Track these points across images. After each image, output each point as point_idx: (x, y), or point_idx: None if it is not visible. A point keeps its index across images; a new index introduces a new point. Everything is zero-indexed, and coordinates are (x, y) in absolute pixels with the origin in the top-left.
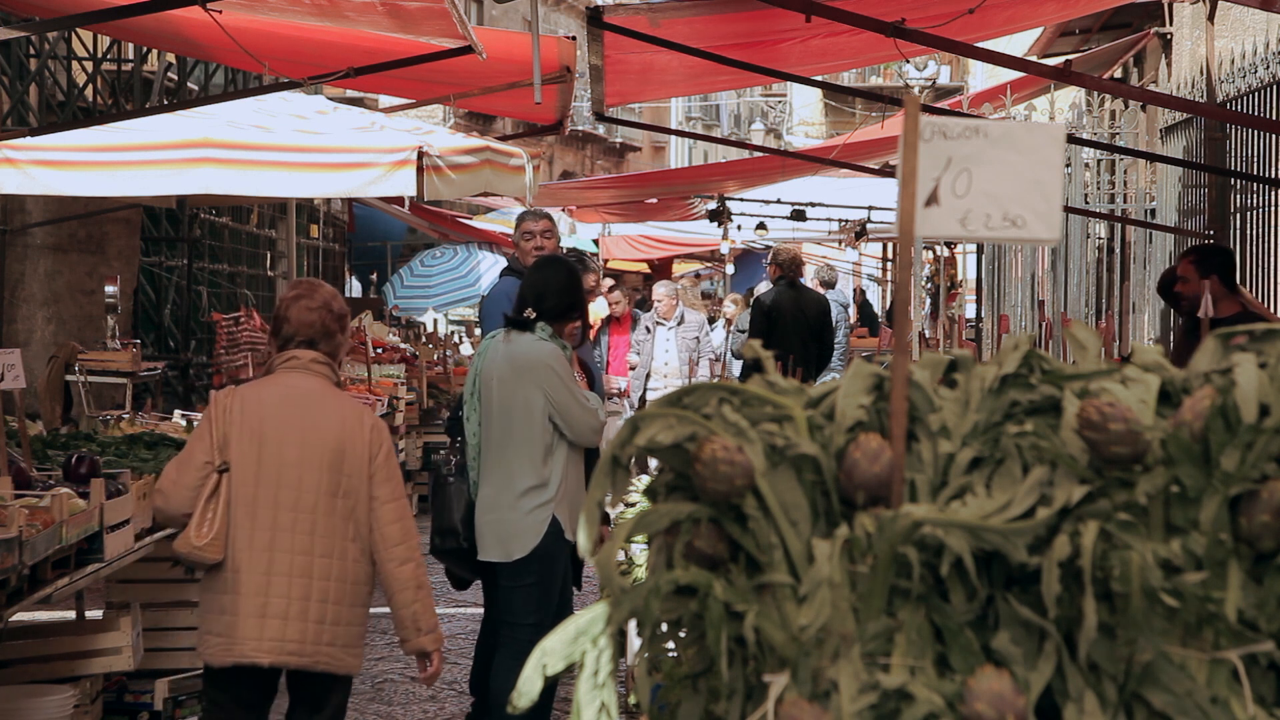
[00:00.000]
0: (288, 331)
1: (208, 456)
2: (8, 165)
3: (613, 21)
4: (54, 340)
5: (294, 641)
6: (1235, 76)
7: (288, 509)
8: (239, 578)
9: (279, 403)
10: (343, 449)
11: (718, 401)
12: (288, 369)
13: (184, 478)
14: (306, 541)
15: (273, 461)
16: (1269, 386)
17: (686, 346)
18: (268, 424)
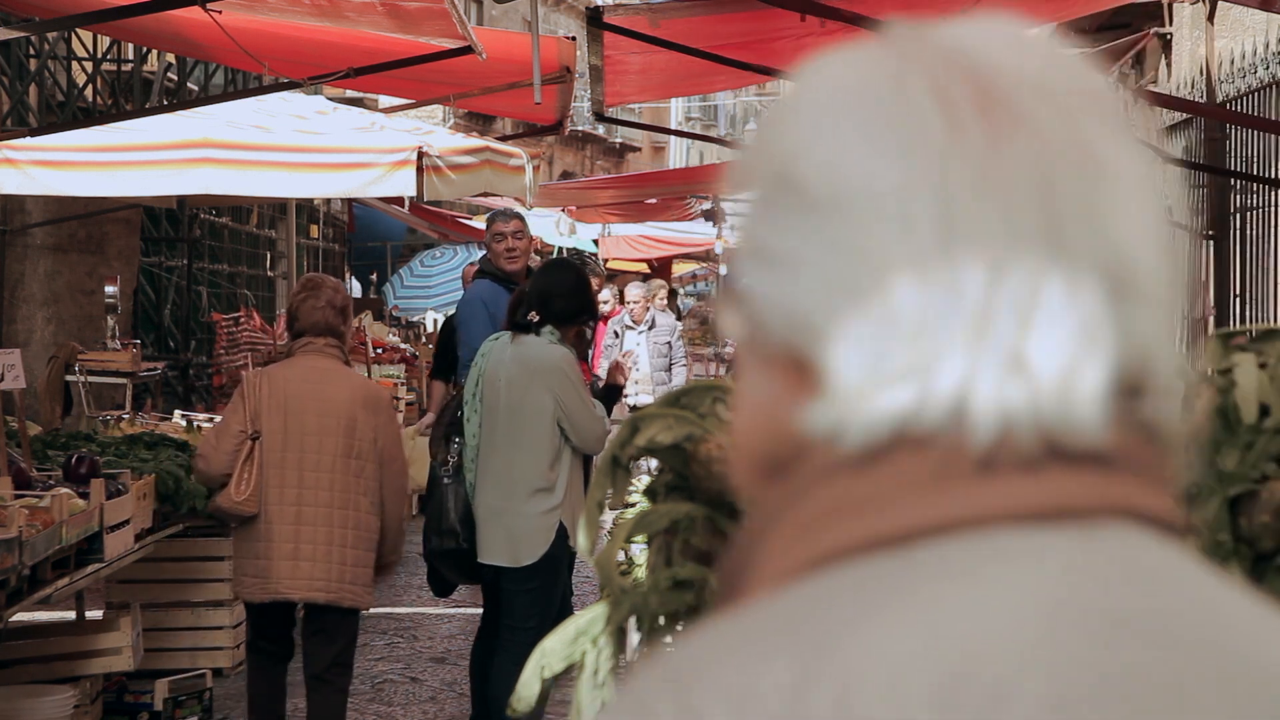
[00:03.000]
0: (299, 327)
1: (242, 426)
2: (8, 165)
3: (613, 21)
4: (54, 340)
5: (321, 580)
6: (1235, 77)
7: (310, 469)
8: (271, 528)
9: (299, 380)
10: (354, 417)
11: (712, 401)
12: (305, 352)
13: (222, 444)
14: (327, 496)
15: (296, 429)
16: (1269, 386)
17: (658, 351)
18: (290, 398)
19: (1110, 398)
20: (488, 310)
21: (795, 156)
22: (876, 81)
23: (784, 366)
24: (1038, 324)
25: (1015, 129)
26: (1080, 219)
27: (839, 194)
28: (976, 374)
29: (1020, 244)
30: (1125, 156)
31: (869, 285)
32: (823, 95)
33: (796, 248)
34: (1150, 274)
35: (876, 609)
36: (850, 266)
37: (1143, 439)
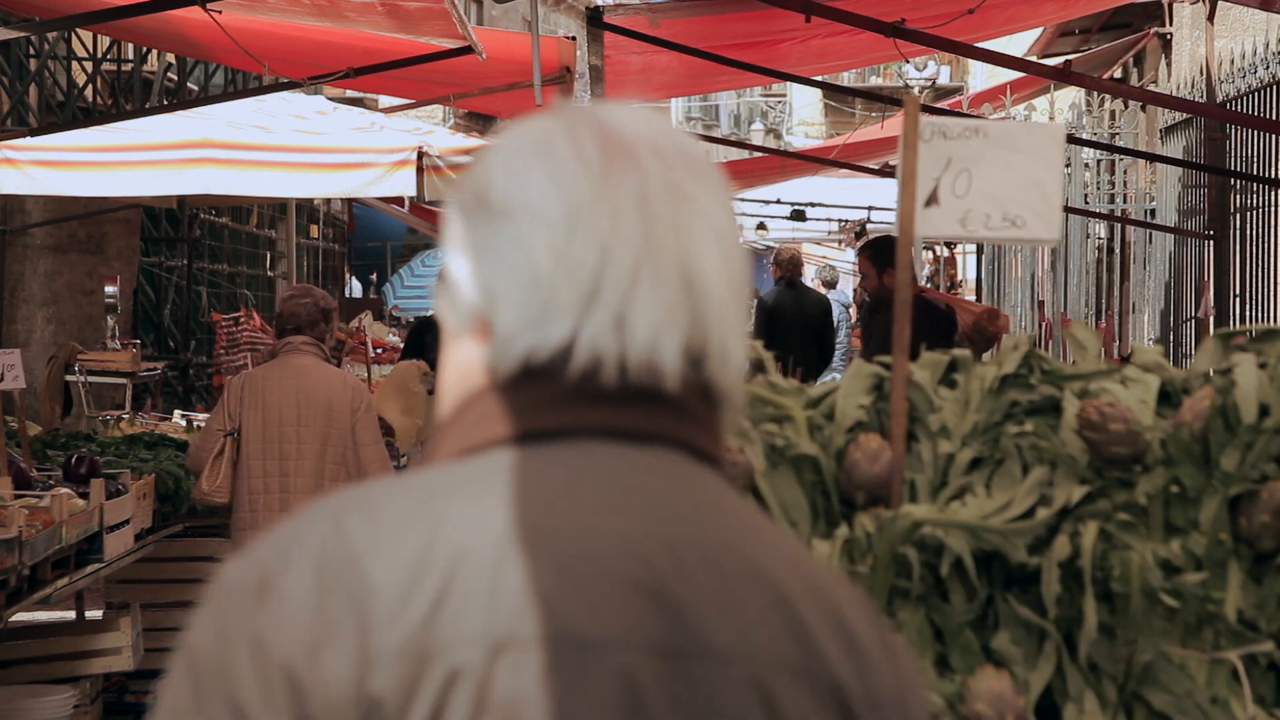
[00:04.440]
0: (282, 323)
1: (220, 425)
2: (8, 165)
3: (613, 21)
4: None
5: None
6: (1235, 76)
7: (292, 459)
8: (257, 516)
9: (278, 378)
10: (330, 406)
11: None
12: (286, 352)
13: (205, 444)
14: (311, 482)
15: (275, 423)
16: (1269, 387)
17: None
18: (270, 394)
19: (680, 359)
20: None
21: (487, 183)
22: (539, 135)
23: (473, 328)
24: (636, 298)
25: (626, 167)
26: (666, 230)
27: (511, 206)
28: (585, 327)
29: (624, 242)
30: (705, 193)
31: (524, 264)
32: (507, 143)
33: (484, 242)
34: (713, 276)
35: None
36: (515, 252)
37: (699, 394)
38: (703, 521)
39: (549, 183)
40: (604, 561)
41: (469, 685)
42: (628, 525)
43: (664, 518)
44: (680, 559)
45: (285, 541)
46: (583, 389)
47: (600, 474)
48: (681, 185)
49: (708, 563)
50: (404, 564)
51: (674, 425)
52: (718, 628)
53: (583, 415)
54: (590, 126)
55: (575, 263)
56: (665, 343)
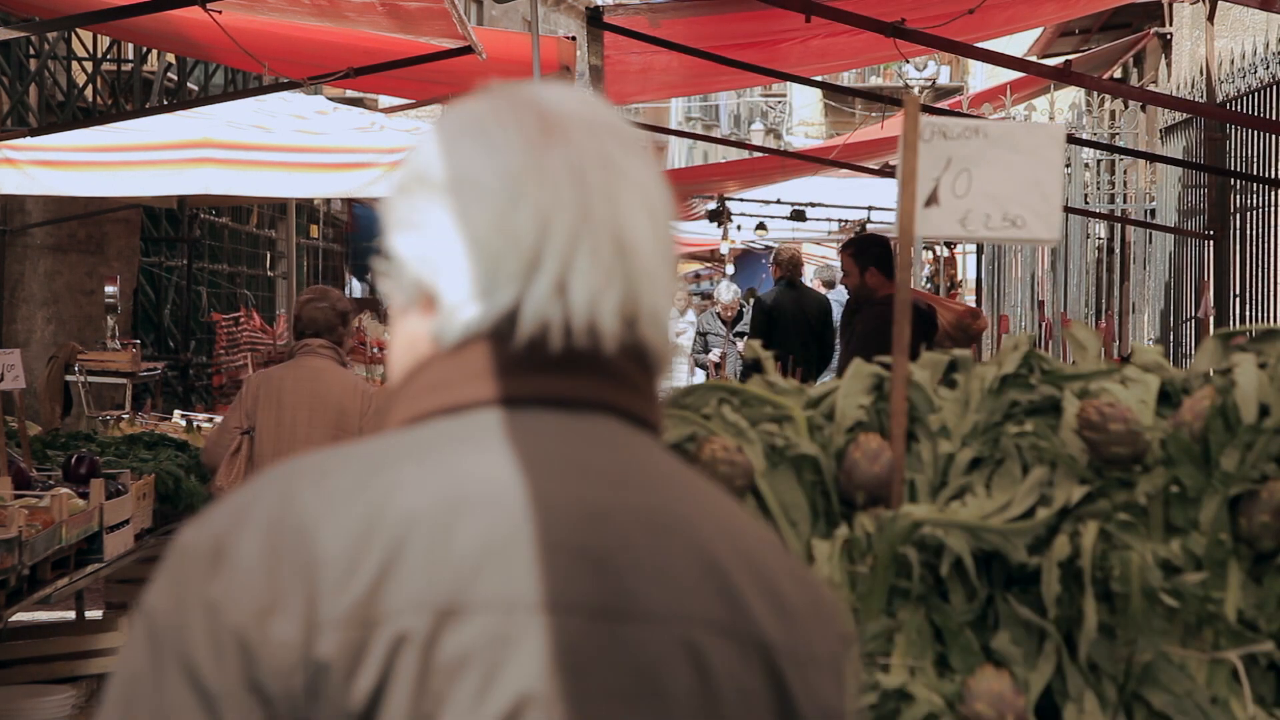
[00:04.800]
0: (300, 326)
1: (238, 423)
2: (8, 165)
3: (613, 21)
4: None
5: None
6: (1235, 76)
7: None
8: None
9: (294, 378)
10: (342, 409)
11: (717, 402)
12: (303, 353)
13: (221, 439)
14: None
15: (288, 423)
16: (1269, 387)
17: None
18: (285, 394)
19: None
20: None
21: (428, 162)
22: (477, 114)
23: (419, 300)
24: (575, 265)
25: (560, 141)
26: (600, 200)
27: (452, 181)
28: (529, 295)
29: (561, 212)
30: (635, 164)
31: (467, 236)
32: (447, 124)
33: (426, 218)
34: (645, 242)
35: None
36: (457, 226)
37: (634, 359)
38: (638, 487)
39: (488, 158)
40: (544, 527)
41: (415, 649)
42: (566, 492)
43: (601, 484)
44: (616, 524)
45: (239, 510)
46: (525, 356)
47: (541, 442)
48: (613, 157)
49: (642, 527)
50: (351, 532)
51: (612, 392)
52: (651, 590)
53: (524, 384)
54: (525, 104)
55: (516, 233)
56: (603, 307)
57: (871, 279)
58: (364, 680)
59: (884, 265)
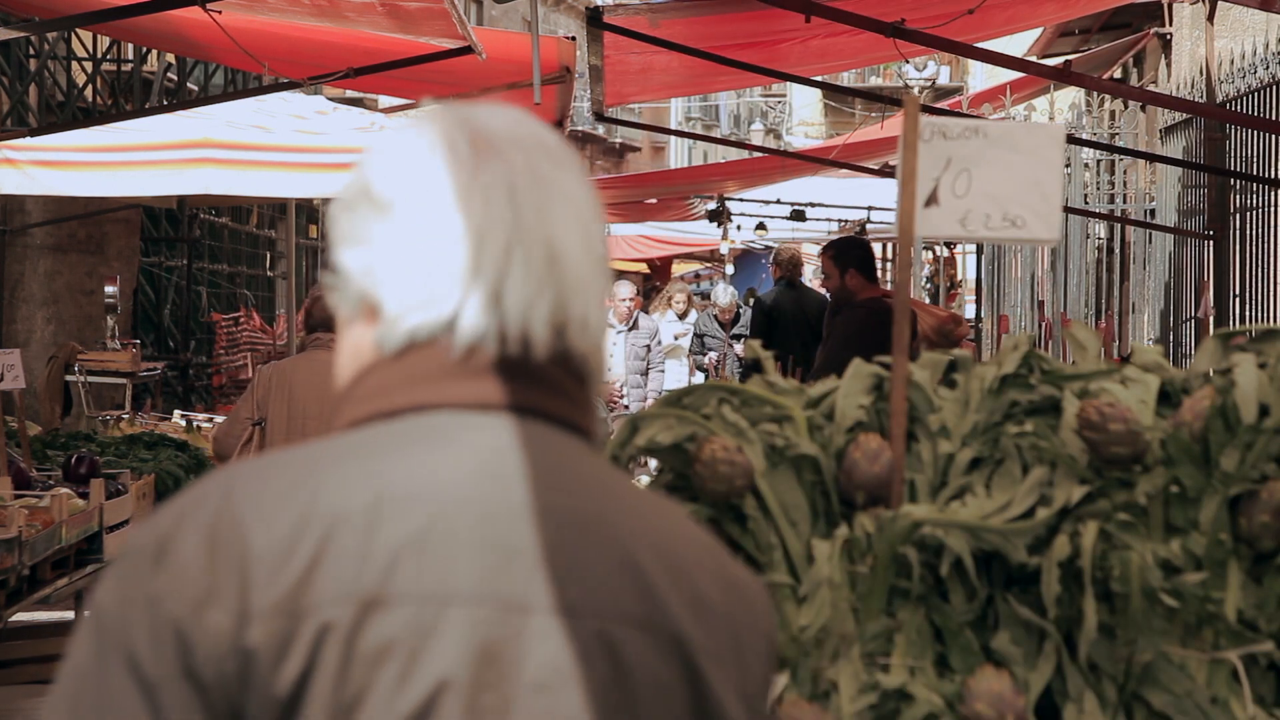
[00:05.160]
0: (312, 322)
1: (249, 414)
2: (8, 165)
3: (612, 22)
4: (54, 340)
5: None
6: (1235, 76)
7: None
8: None
9: (305, 371)
10: None
11: (717, 402)
12: (314, 346)
13: (233, 430)
14: None
15: (299, 415)
16: (1268, 387)
17: (635, 354)
18: (296, 387)
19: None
20: None
21: (371, 180)
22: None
23: (363, 311)
24: (509, 277)
25: (494, 159)
26: (532, 214)
27: (394, 198)
28: (466, 305)
29: (495, 225)
30: (566, 179)
31: (408, 250)
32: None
33: (370, 232)
34: (575, 252)
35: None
36: (398, 238)
37: (564, 365)
38: (561, 489)
39: (426, 176)
40: (464, 525)
41: (338, 638)
42: (489, 492)
43: (524, 485)
44: (536, 522)
45: (182, 511)
46: (461, 364)
47: (469, 445)
48: (544, 173)
49: (561, 526)
50: (283, 530)
51: (541, 398)
52: (567, 585)
53: (458, 390)
54: (461, 124)
55: (453, 247)
56: (535, 316)
57: (852, 281)
58: (290, 667)
59: (864, 267)
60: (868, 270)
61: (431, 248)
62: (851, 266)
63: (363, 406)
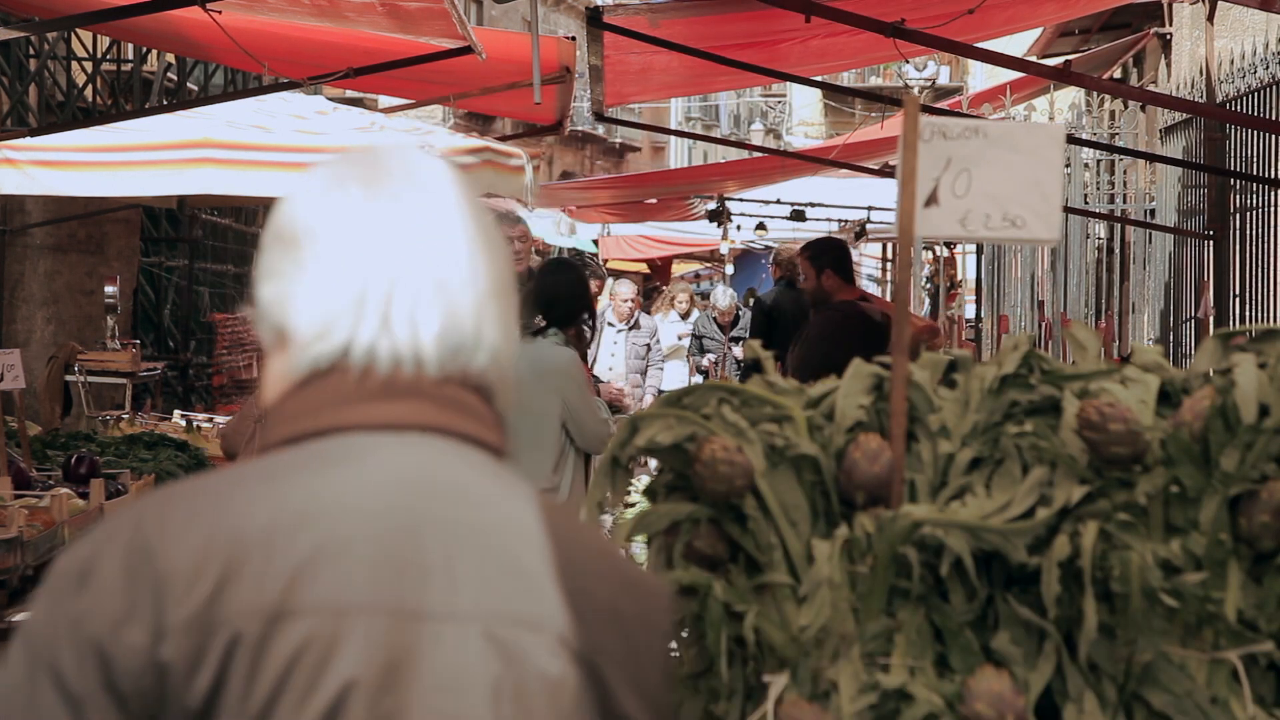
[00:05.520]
0: None
1: (256, 413)
2: (8, 165)
3: (612, 22)
4: (54, 340)
5: None
6: (1235, 76)
7: None
8: None
9: None
10: None
11: (717, 402)
12: None
13: (240, 427)
14: None
15: None
16: (1268, 387)
17: (635, 353)
18: None
19: (437, 350)
20: None
21: (284, 217)
22: (325, 175)
23: (278, 341)
24: (396, 303)
25: (388, 197)
26: (417, 241)
27: (298, 234)
28: (358, 333)
29: (385, 257)
30: (457, 213)
31: (309, 283)
32: (302, 184)
33: (281, 266)
34: (463, 277)
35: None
36: (302, 272)
37: (460, 383)
38: (452, 501)
39: (327, 214)
40: (363, 540)
41: (247, 650)
42: (386, 507)
43: (417, 499)
44: (428, 534)
45: (103, 537)
46: (358, 388)
47: (367, 465)
48: (435, 208)
49: (454, 537)
50: (194, 552)
51: (436, 415)
52: (461, 593)
53: (356, 413)
54: (362, 166)
55: (348, 279)
56: (425, 337)
57: (828, 281)
58: (202, 679)
59: (841, 268)
60: (844, 271)
61: (329, 281)
62: (828, 267)
63: (276, 432)
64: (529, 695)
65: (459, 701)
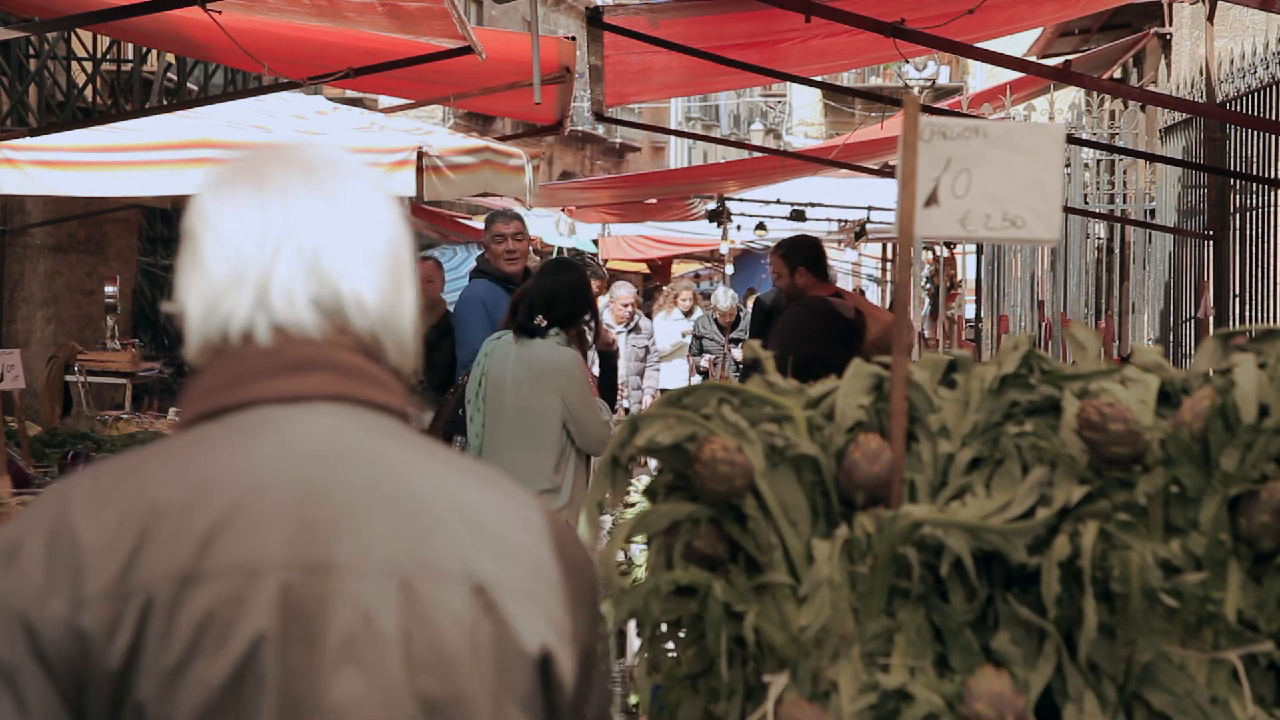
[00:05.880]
0: None
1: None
2: (7, 165)
3: (612, 22)
4: (54, 340)
5: None
6: (1235, 77)
7: None
8: None
9: None
10: None
11: (717, 402)
12: None
13: None
14: None
15: None
16: (1268, 387)
17: (634, 355)
18: None
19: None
20: (486, 310)
21: (190, 217)
22: (220, 172)
23: (186, 327)
24: (272, 279)
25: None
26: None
27: (195, 229)
28: (238, 307)
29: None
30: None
31: (199, 271)
32: (205, 181)
33: (185, 257)
34: (346, 262)
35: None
36: (195, 263)
37: (355, 350)
38: (355, 464)
39: (218, 207)
40: (270, 504)
41: (160, 612)
42: (286, 473)
43: (319, 463)
44: (332, 496)
45: (29, 518)
46: (264, 363)
47: (271, 434)
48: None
49: (356, 497)
50: (110, 525)
51: (337, 384)
52: (363, 547)
53: (261, 388)
54: (248, 161)
55: (228, 261)
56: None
57: (801, 279)
58: (120, 642)
59: (814, 266)
60: (817, 268)
61: (213, 265)
62: (801, 265)
63: (190, 409)
64: (441, 639)
65: (370, 648)
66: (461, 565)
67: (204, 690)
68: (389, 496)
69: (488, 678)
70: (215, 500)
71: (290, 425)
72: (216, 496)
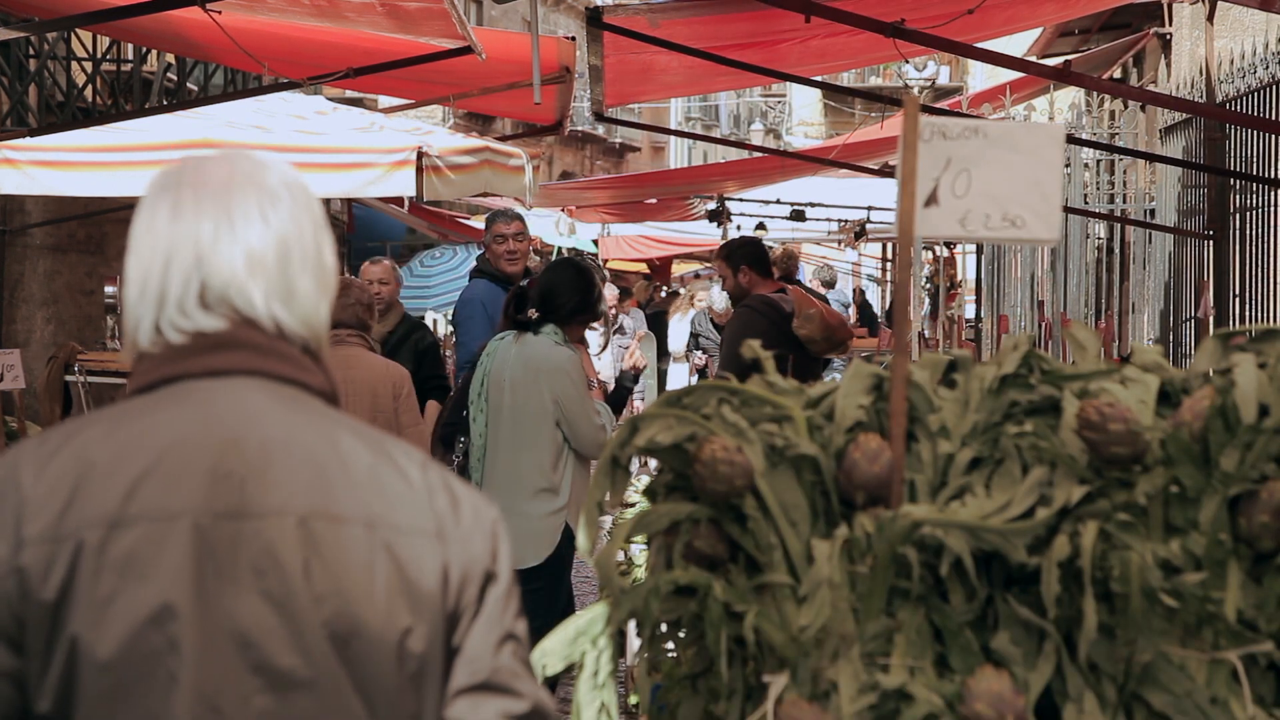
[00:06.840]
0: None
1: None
2: (7, 165)
3: (612, 22)
4: (54, 340)
5: None
6: (1235, 77)
7: None
8: None
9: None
10: (375, 392)
11: (717, 402)
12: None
13: None
14: None
15: None
16: (1268, 387)
17: (620, 355)
18: None
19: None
20: (486, 311)
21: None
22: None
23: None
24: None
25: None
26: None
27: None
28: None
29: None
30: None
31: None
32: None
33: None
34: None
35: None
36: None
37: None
38: (263, 424)
39: (136, 222)
40: (187, 459)
41: (91, 553)
42: (202, 432)
43: (231, 424)
44: (242, 450)
45: None
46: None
47: (187, 401)
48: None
49: (263, 451)
50: (50, 478)
51: (252, 361)
52: (269, 494)
53: (176, 366)
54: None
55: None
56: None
57: (744, 278)
58: (54, 578)
59: (756, 264)
60: (760, 266)
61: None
62: (743, 264)
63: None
64: (341, 573)
65: (276, 582)
66: (357, 509)
67: (129, 622)
68: (294, 453)
69: (388, 608)
70: (140, 456)
71: (210, 394)
72: (141, 453)
